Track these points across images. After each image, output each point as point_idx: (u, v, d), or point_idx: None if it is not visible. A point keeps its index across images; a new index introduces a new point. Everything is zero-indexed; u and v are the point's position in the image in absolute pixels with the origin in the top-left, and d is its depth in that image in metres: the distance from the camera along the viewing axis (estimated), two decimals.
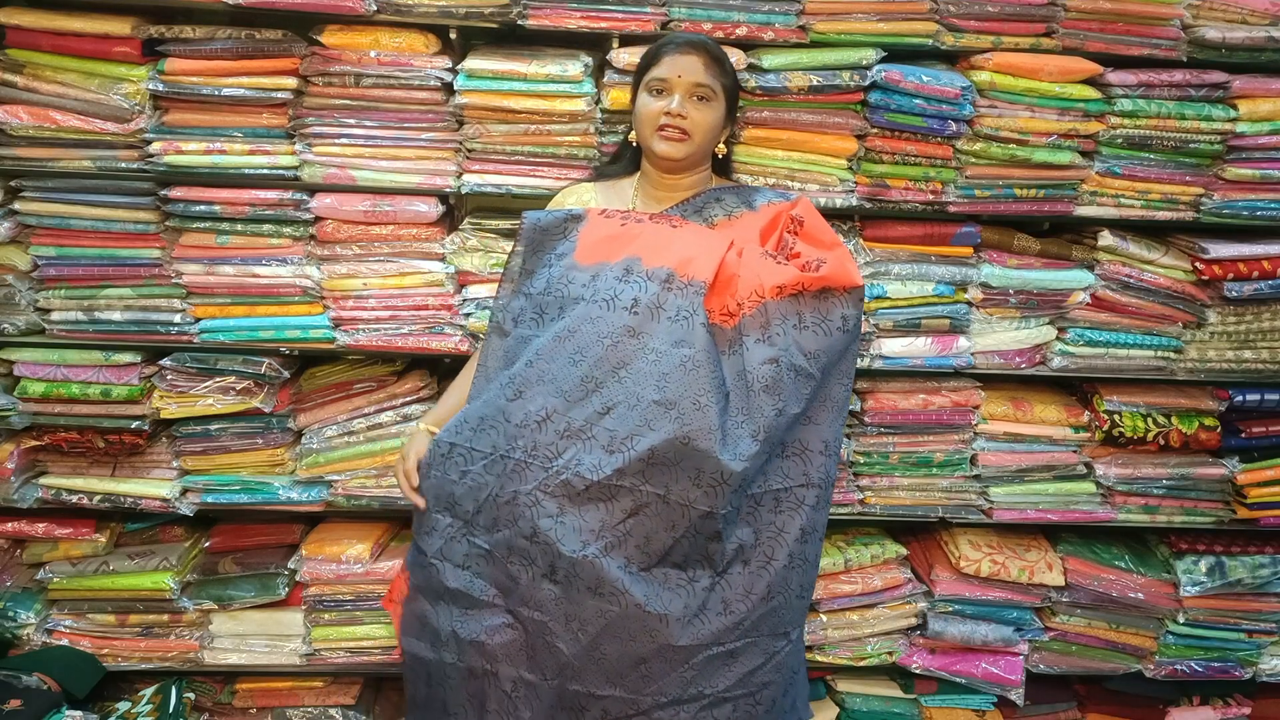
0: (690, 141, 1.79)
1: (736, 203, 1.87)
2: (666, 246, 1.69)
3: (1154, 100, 2.23)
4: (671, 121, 1.78)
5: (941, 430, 2.42)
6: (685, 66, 1.78)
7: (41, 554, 2.40)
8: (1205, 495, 2.48)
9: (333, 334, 2.30)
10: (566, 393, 1.62)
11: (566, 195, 1.96)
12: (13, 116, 2.12)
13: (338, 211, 2.22)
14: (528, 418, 1.63)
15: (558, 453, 1.60)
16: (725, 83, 1.83)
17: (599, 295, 1.66)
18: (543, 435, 1.61)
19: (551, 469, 1.60)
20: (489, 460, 1.65)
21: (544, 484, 1.60)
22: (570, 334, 1.65)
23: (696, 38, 1.84)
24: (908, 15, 2.20)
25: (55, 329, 2.27)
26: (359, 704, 2.47)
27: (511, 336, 1.75)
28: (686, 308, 1.62)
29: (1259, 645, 2.58)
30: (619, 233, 1.73)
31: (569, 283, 1.70)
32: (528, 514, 1.60)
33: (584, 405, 1.61)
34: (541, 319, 1.72)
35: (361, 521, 2.49)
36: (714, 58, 1.80)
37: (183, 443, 2.33)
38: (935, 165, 2.26)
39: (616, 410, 1.59)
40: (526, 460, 1.62)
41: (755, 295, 1.64)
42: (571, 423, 1.61)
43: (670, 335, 1.61)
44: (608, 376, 1.61)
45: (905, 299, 2.34)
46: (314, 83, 2.18)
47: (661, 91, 1.80)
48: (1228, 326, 2.39)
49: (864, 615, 2.50)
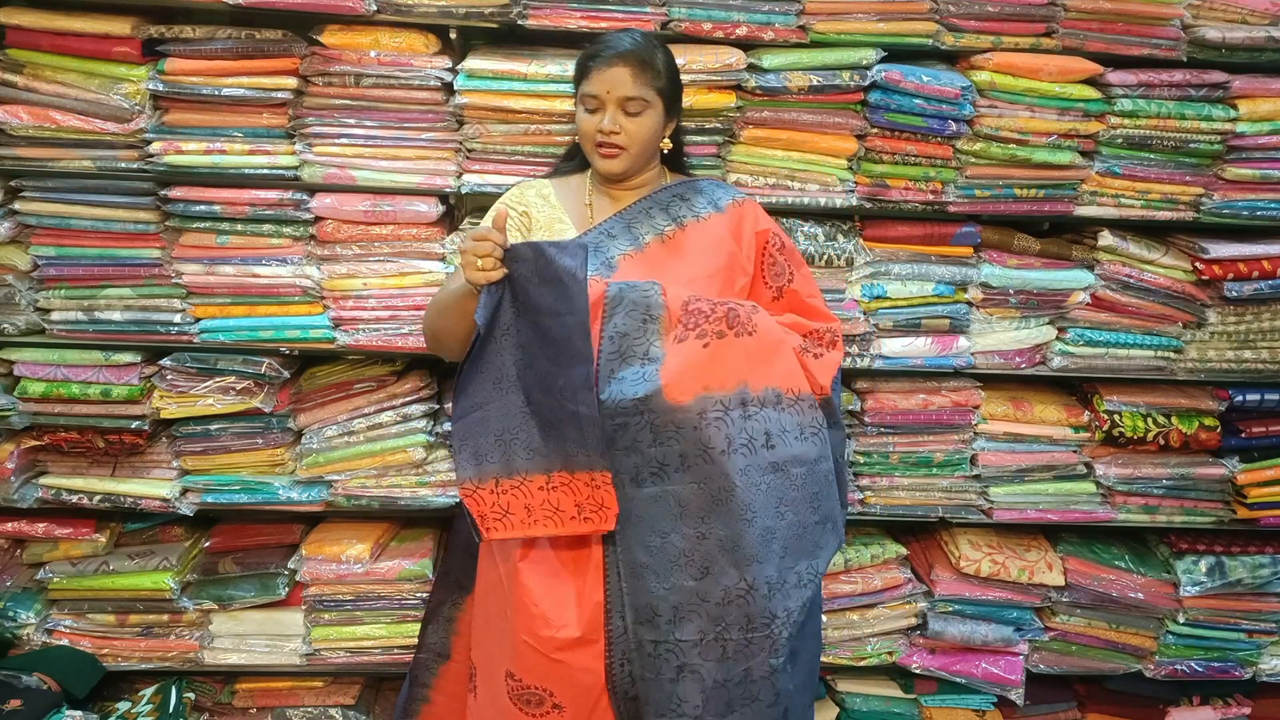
0: (627, 154, 1.78)
1: (704, 204, 1.85)
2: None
3: (1154, 100, 2.23)
4: (606, 139, 1.77)
5: (941, 430, 2.42)
6: (613, 81, 1.75)
7: (41, 554, 2.40)
8: (1205, 495, 2.48)
9: (333, 334, 2.30)
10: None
11: (525, 189, 1.92)
12: (13, 116, 2.12)
13: (338, 211, 2.22)
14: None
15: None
16: (659, 85, 1.78)
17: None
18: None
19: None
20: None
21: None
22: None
23: (623, 46, 1.77)
24: (908, 15, 2.20)
25: (55, 329, 2.27)
26: (359, 704, 2.47)
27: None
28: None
29: (1259, 645, 2.58)
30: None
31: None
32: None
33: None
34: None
35: (361, 521, 2.49)
36: (642, 64, 1.76)
37: (183, 443, 2.33)
38: (935, 165, 2.26)
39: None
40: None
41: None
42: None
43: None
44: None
45: (905, 299, 2.34)
46: (314, 83, 2.18)
47: (594, 110, 1.78)
48: (1228, 326, 2.39)
49: (864, 615, 2.50)
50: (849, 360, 2.34)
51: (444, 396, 2.40)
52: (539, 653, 1.65)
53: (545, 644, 1.64)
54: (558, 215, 1.85)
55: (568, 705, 1.67)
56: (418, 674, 2.06)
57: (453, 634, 2.01)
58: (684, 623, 1.58)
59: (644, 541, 1.60)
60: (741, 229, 1.83)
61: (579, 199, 1.89)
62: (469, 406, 1.64)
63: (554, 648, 1.64)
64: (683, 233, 1.81)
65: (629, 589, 1.61)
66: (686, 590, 1.58)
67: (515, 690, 1.70)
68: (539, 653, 1.65)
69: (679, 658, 1.58)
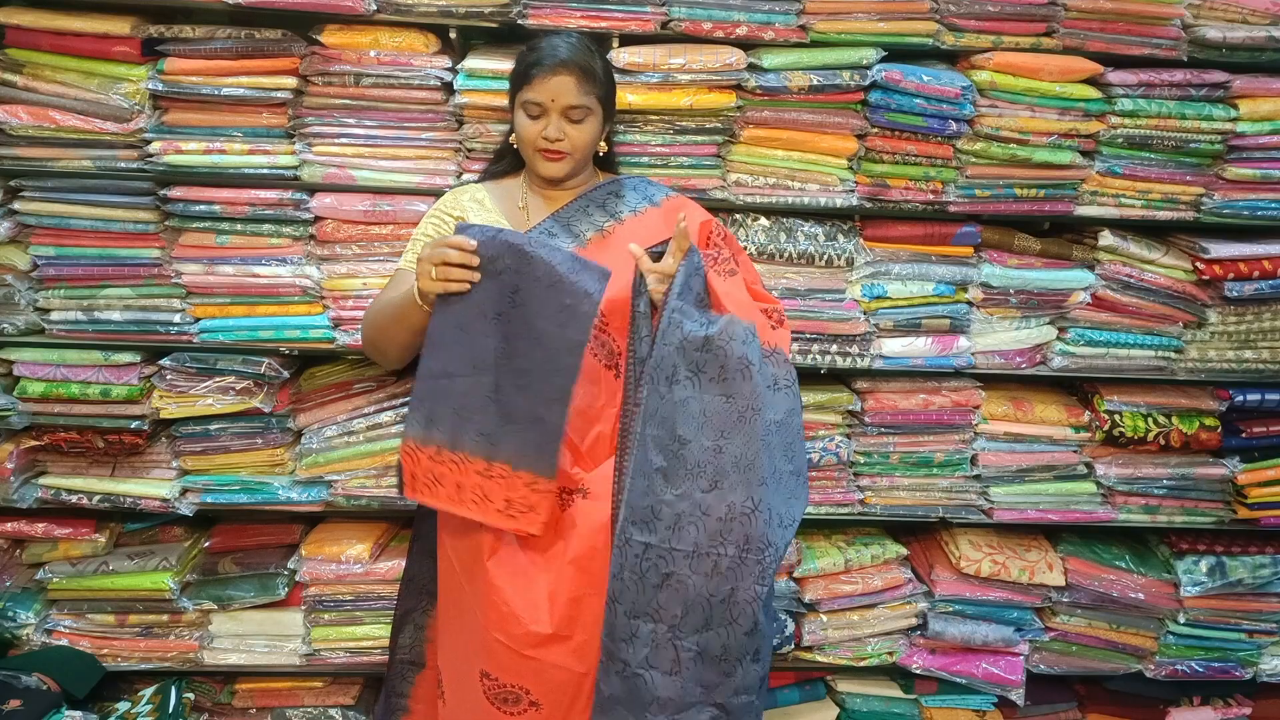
0: (570, 159, 1.84)
1: (638, 199, 1.90)
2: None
3: (1154, 100, 2.23)
4: (550, 146, 1.81)
5: (942, 430, 2.42)
6: (557, 89, 1.79)
7: (41, 554, 2.40)
8: (1206, 495, 2.48)
9: (333, 334, 2.30)
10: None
11: (459, 194, 1.95)
12: (12, 116, 2.12)
13: (337, 211, 2.21)
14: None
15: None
16: (600, 93, 1.84)
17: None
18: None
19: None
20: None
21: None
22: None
23: (565, 53, 1.81)
24: (908, 15, 2.20)
25: (55, 329, 2.27)
26: (359, 704, 2.47)
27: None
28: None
29: (1259, 645, 2.58)
30: None
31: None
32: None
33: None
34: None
35: (361, 521, 2.49)
36: (585, 73, 1.80)
37: (182, 443, 2.33)
38: (935, 165, 2.25)
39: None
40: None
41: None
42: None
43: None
44: None
45: (905, 299, 2.34)
46: (314, 82, 2.18)
47: (537, 117, 1.82)
48: (1228, 326, 2.39)
49: (864, 615, 2.50)
50: (849, 360, 2.34)
51: None
52: (512, 650, 1.65)
53: (518, 641, 1.65)
54: (493, 219, 1.88)
55: (544, 702, 1.67)
56: (394, 684, 2.04)
57: (425, 641, 1.99)
58: (682, 531, 1.58)
59: (663, 444, 1.60)
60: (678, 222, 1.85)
61: (513, 201, 1.93)
62: (438, 370, 1.63)
63: (527, 644, 1.65)
64: (621, 227, 1.86)
65: (633, 487, 1.60)
66: (693, 500, 1.58)
67: (491, 689, 1.70)
68: (512, 650, 1.65)
69: (668, 564, 1.58)
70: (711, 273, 1.72)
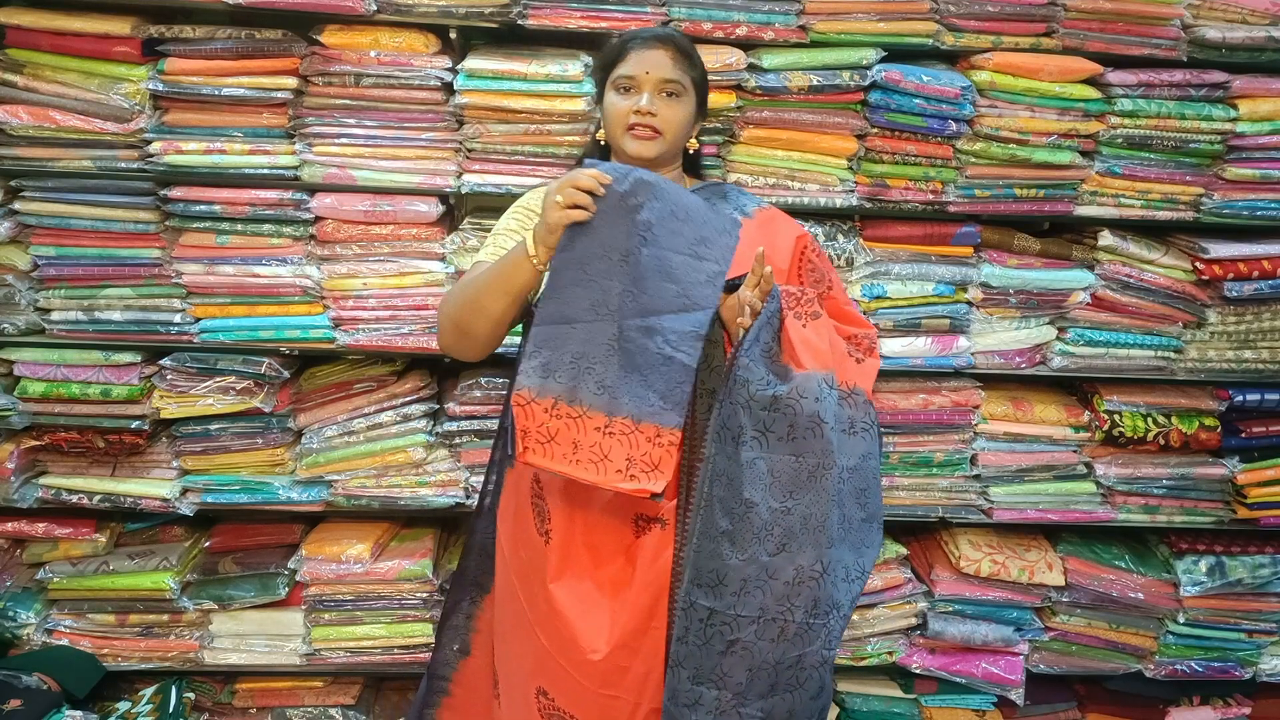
0: (662, 139, 1.71)
1: (730, 209, 1.79)
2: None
3: (1154, 100, 2.23)
4: (641, 120, 1.69)
5: (941, 430, 2.42)
6: (653, 62, 1.70)
7: (41, 554, 2.40)
8: (1205, 495, 2.48)
9: (333, 334, 2.30)
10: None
11: (536, 195, 1.86)
12: (13, 116, 2.12)
13: (338, 211, 2.22)
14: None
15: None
16: (694, 76, 1.75)
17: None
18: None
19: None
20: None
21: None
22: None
23: (663, 31, 1.76)
24: (908, 15, 2.20)
25: (55, 329, 2.27)
26: (359, 704, 2.47)
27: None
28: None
29: (1259, 645, 2.58)
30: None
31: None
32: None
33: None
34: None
35: (361, 521, 2.49)
36: (682, 51, 1.73)
37: (183, 443, 2.33)
38: (935, 165, 2.26)
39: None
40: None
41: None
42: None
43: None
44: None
45: (905, 299, 2.34)
46: (314, 83, 2.18)
47: (629, 89, 1.71)
48: (1228, 326, 2.39)
49: (864, 615, 2.50)
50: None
51: (444, 397, 2.40)
52: (570, 675, 1.62)
53: (578, 667, 1.61)
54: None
55: None
56: (436, 669, 2.04)
57: (472, 631, 1.98)
58: (748, 596, 1.50)
59: (729, 507, 1.52)
60: (774, 235, 1.77)
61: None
62: (558, 316, 1.52)
63: (585, 672, 1.60)
64: None
65: (700, 549, 1.53)
66: (760, 564, 1.50)
67: (546, 709, 1.67)
68: (570, 675, 1.62)
69: (733, 631, 1.51)
70: (790, 318, 1.58)
